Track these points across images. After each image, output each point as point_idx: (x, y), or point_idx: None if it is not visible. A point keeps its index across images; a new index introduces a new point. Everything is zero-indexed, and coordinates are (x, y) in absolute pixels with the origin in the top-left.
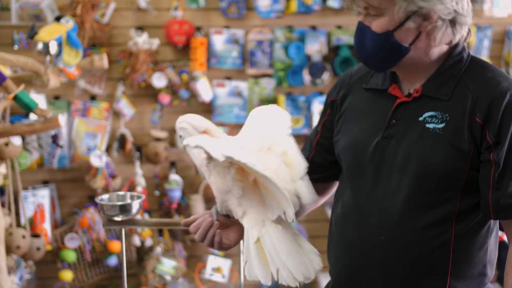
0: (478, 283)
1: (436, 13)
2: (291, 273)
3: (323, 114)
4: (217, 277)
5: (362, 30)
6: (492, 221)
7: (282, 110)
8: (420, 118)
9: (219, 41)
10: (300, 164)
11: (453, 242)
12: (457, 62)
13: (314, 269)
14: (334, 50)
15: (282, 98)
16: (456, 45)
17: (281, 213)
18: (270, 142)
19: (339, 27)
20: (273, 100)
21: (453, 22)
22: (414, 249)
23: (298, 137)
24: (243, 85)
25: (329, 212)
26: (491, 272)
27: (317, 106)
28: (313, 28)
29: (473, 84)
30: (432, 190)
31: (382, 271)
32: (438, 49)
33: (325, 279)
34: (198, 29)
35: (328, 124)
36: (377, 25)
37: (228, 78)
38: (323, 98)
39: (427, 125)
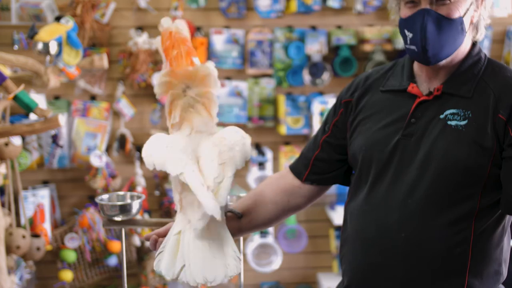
0: (494, 281)
1: (484, 5)
2: (193, 273)
3: (334, 114)
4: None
5: (433, 17)
6: (506, 220)
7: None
8: (442, 116)
9: (219, 41)
10: (222, 197)
11: (472, 239)
12: (476, 61)
13: (226, 274)
14: (334, 50)
15: (282, 98)
16: (474, 45)
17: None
18: (226, 159)
19: (339, 27)
20: (273, 100)
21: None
22: (435, 246)
23: (298, 137)
24: (243, 85)
25: (329, 212)
26: (505, 271)
27: (317, 106)
28: (313, 28)
29: (493, 83)
30: (454, 186)
31: (402, 268)
32: (468, 45)
33: (325, 279)
34: (198, 29)
35: (339, 124)
36: (452, 10)
37: (228, 78)
38: (323, 98)
39: (449, 122)
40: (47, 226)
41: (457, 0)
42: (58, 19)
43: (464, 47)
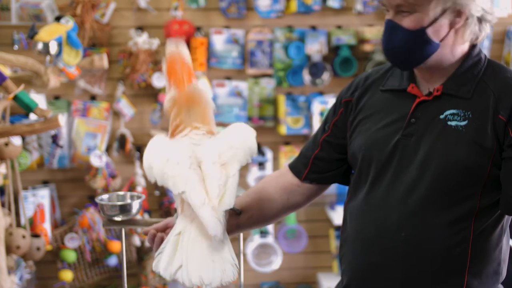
0: (494, 281)
1: (468, 9)
2: (189, 274)
3: (333, 113)
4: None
5: (393, 28)
6: (505, 220)
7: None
8: (441, 116)
9: (219, 41)
10: (230, 198)
11: (471, 239)
12: (476, 62)
13: (221, 279)
14: (334, 50)
15: (282, 98)
16: (474, 45)
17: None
18: (227, 159)
19: (339, 27)
20: (273, 100)
21: (479, 20)
22: (434, 246)
23: (298, 137)
24: (243, 85)
25: (329, 212)
26: (505, 271)
27: (317, 106)
28: (313, 28)
29: (493, 84)
30: (454, 187)
31: (401, 267)
32: (461, 48)
33: (325, 279)
34: (198, 29)
35: (339, 124)
36: (411, 21)
37: (228, 78)
38: (323, 98)
39: (449, 123)
40: (47, 226)
41: (420, 10)
42: (58, 19)
43: (452, 51)
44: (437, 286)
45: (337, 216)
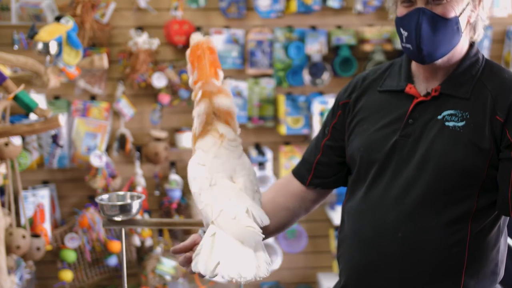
0: (491, 281)
1: (481, 4)
2: (227, 268)
3: (332, 116)
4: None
5: (428, 16)
6: (501, 221)
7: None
8: (439, 117)
9: (219, 41)
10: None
11: (468, 240)
12: (474, 62)
13: (256, 274)
14: (334, 50)
15: (282, 98)
16: (471, 46)
17: None
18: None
19: (339, 27)
20: (273, 100)
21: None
22: (431, 246)
23: (298, 137)
24: (243, 85)
25: (329, 212)
26: (502, 271)
27: (317, 106)
28: (313, 28)
29: (491, 84)
30: (451, 187)
31: (398, 268)
32: (464, 47)
33: (325, 279)
34: (198, 29)
35: (338, 127)
36: (447, 9)
37: (228, 78)
38: (323, 98)
39: (447, 123)
40: (47, 226)
41: (453, 0)
42: (58, 19)
43: (461, 48)
44: (434, 286)
45: (337, 216)
